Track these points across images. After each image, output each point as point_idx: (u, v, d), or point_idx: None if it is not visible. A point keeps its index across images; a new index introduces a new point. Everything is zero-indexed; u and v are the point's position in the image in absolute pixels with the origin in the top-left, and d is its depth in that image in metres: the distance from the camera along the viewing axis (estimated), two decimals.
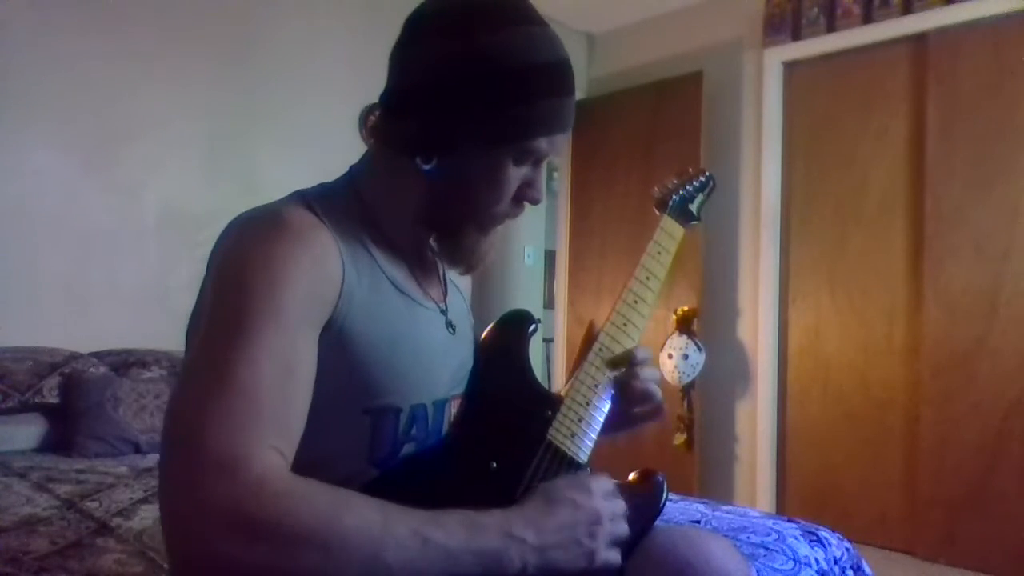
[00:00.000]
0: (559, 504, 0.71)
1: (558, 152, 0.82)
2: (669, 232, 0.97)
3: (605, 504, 0.73)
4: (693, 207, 1.02)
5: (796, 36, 3.40)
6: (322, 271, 0.72)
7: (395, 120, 0.81)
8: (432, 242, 0.88)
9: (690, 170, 1.06)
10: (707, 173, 1.06)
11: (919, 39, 3.07)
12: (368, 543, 0.60)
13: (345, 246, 0.77)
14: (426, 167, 0.79)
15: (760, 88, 3.52)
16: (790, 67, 3.48)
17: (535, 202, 0.84)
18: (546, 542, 0.68)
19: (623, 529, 0.75)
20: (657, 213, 0.99)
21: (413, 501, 0.65)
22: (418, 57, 0.79)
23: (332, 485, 0.63)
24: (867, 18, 3.17)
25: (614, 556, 0.73)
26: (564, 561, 0.69)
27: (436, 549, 0.62)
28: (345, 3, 3.24)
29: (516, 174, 0.81)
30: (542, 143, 0.79)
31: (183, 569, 0.63)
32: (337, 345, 0.74)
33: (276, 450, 0.63)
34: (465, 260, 0.86)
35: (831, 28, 3.29)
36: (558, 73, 0.79)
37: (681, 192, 1.01)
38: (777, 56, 3.46)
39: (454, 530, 0.63)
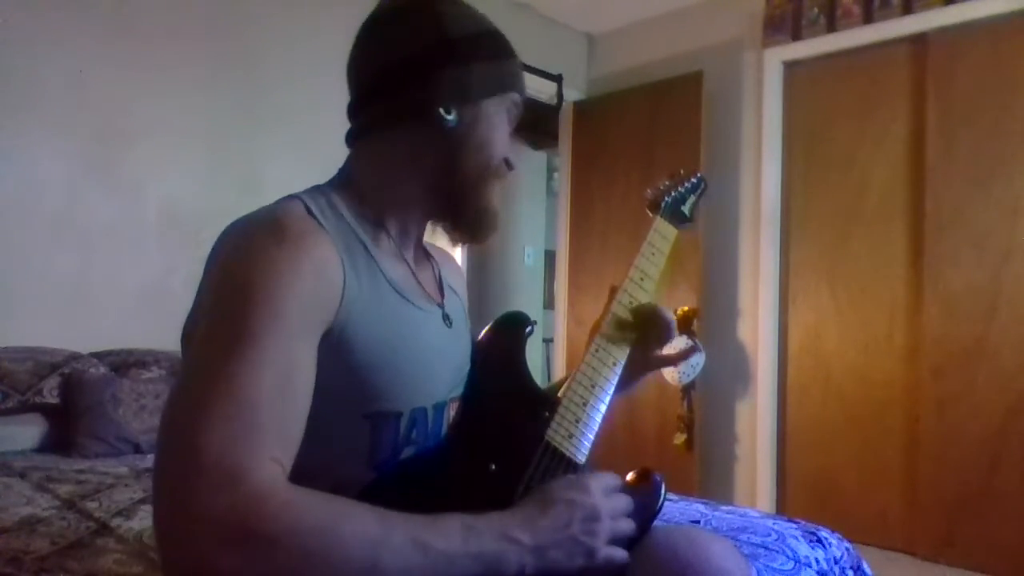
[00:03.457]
0: (555, 504, 0.71)
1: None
2: (662, 233, 0.98)
3: (604, 501, 0.73)
4: (685, 208, 1.03)
5: (796, 36, 3.39)
6: (322, 277, 0.72)
7: (395, 95, 0.84)
8: (442, 220, 0.89)
9: (682, 171, 1.07)
10: (699, 174, 1.06)
11: (919, 39, 3.07)
12: (367, 552, 0.60)
13: (344, 250, 0.77)
14: (449, 118, 0.82)
15: (760, 88, 3.52)
16: (790, 67, 3.48)
17: (513, 165, 0.90)
18: (542, 542, 0.68)
19: (626, 526, 0.75)
20: (650, 215, 1.00)
21: (412, 504, 0.65)
22: (408, 31, 0.84)
23: (330, 494, 0.63)
24: (867, 18, 3.17)
25: (617, 553, 0.73)
26: (563, 560, 0.69)
27: (434, 555, 0.62)
28: (346, 5, 3.24)
29: (507, 130, 0.89)
30: (518, 98, 0.90)
31: None
32: (337, 351, 0.74)
33: (276, 461, 0.62)
34: (478, 223, 0.87)
35: (831, 28, 3.28)
36: (506, 39, 0.90)
37: (673, 194, 1.02)
38: (777, 56, 3.46)
39: (451, 535, 0.64)
